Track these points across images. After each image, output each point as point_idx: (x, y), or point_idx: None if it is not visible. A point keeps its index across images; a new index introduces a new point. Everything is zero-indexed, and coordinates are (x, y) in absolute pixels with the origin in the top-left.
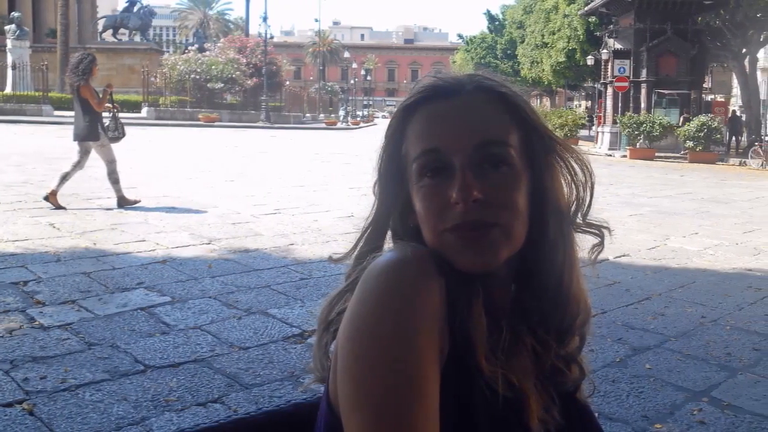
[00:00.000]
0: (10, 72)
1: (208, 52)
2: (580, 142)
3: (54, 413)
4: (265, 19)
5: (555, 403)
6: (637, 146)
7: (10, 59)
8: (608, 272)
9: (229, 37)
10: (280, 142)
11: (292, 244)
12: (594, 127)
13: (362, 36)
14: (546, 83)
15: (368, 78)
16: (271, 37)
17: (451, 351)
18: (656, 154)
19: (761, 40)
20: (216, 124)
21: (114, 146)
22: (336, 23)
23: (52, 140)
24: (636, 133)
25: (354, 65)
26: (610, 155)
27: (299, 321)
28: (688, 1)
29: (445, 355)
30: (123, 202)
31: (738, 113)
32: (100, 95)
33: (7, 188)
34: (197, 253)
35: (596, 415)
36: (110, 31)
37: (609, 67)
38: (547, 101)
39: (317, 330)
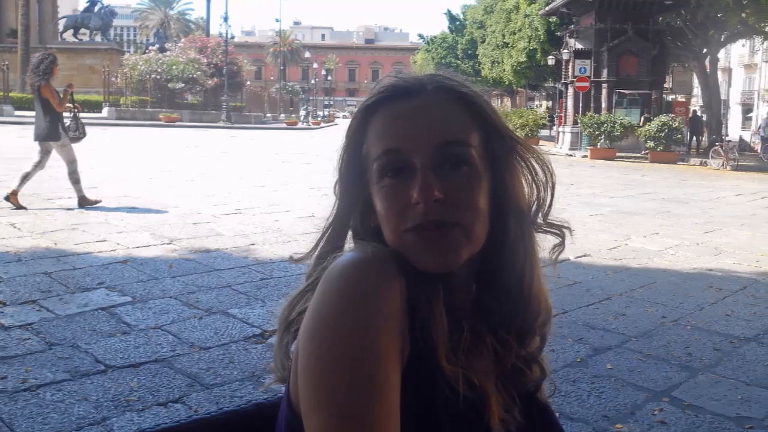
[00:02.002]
0: None
1: (168, 52)
2: (541, 142)
3: (15, 413)
4: (225, 19)
5: (516, 403)
6: (598, 146)
7: None
8: (569, 272)
9: (189, 36)
10: (240, 142)
11: (252, 244)
12: (555, 127)
13: (323, 36)
14: (507, 83)
15: (329, 78)
16: (232, 37)
17: (412, 351)
18: (617, 154)
19: (722, 40)
20: (177, 124)
21: (75, 146)
22: (297, 23)
23: (13, 140)
24: (597, 133)
25: (315, 65)
26: (571, 155)
27: (260, 321)
28: (648, 1)
29: (405, 356)
30: (84, 202)
31: (699, 113)
32: (61, 95)
33: None
34: (158, 253)
35: (557, 415)
36: (71, 31)
37: (570, 67)
38: (507, 101)
39: (278, 330)
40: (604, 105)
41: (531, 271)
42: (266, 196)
